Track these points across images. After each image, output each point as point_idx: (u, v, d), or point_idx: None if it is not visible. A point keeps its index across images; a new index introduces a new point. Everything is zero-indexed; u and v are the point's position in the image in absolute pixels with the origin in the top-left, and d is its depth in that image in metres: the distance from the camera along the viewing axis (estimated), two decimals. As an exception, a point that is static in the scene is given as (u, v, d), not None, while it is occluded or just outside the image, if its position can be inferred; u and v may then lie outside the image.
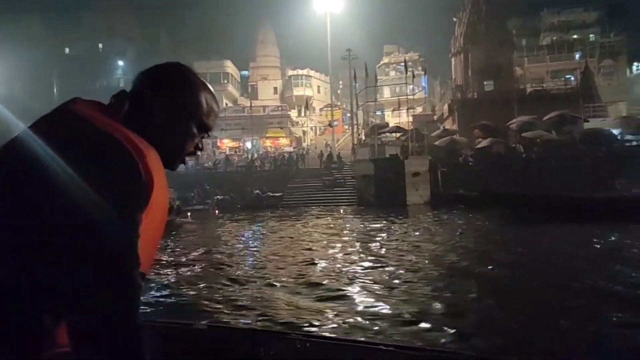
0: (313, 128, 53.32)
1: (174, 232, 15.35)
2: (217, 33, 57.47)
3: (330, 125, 45.38)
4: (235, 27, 55.55)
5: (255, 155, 41.02)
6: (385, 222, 17.60)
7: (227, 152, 47.01)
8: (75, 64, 48.18)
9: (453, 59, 41.16)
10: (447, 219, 18.23)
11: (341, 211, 22.33)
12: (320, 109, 52.92)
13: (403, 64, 51.95)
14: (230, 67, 50.52)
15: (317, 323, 5.29)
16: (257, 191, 29.20)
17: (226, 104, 50.50)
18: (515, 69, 40.44)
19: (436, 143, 28.61)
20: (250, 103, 45.36)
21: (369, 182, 25.27)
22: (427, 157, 25.46)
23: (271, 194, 28.44)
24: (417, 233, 14.30)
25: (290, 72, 53.87)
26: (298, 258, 10.08)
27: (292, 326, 5.17)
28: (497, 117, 31.94)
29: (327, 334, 4.73)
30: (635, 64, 45.79)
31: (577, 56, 46.97)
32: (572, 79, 44.61)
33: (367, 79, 34.00)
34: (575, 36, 48.97)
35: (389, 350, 1.28)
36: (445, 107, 38.10)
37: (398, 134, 33.25)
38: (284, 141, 48.39)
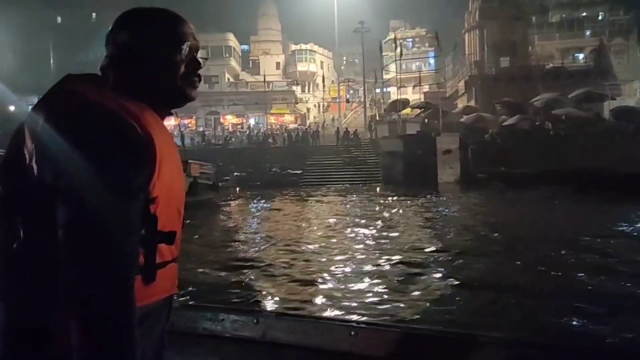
0: (317, 105, 52.00)
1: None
2: (216, 5, 55.10)
3: (347, 100, 44.19)
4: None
5: (262, 131, 39.79)
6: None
7: (230, 129, 45.73)
8: (68, 33, 45.76)
9: (467, 35, 40.11)
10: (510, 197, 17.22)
11: (377, 190, 21.39)
12: (337, 82, 51.40)
13: (410, 39, 50.93)
14: (232, 40, 48.59)
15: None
16: (275, 168, 28.16)
17: (228, 79, 48.80)
18: (529, 46, 39.68)
19: (462, 120, 27.78)
20: (266, 79, 43.74)
21: (396, 159, 24.38)
22: (457, 134, 24.63)
23: (291, 171, 27.42)
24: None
25: (293, 47, 52.11)
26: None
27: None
28: (516, 93, 31.27)
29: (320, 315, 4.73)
30: (646, 42, 45.36)
31: (587, 34, 46.40)
32: (582, 57, 44.13)
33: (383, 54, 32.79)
34: (584, 14, 48.24)
35: (389, 331, 1.32)
36: (461, 83, 37.23)
37: (419, 110, 32.34)
38: (288, 118, 47.10)
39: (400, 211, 15.19)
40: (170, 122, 45.20)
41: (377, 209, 15.76)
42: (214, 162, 29.09)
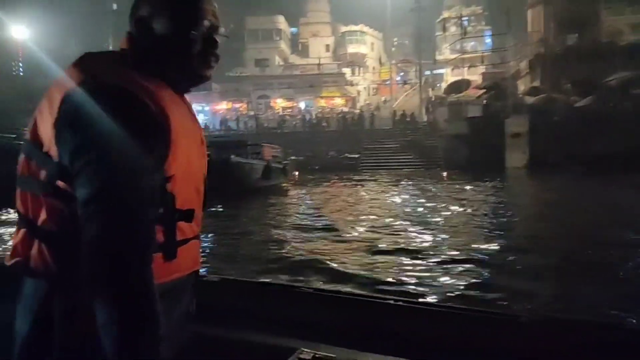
0: (367, 87, 50.97)
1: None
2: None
3: (404, 82, 43.03)
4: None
5: (313, 115, 39.34)
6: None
7: (280, 112, 45.53)
8: (123, 20, 46.61)
9: (530, 11, 37.85)
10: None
11: (444, 175, 20.46)
12: (390, 64, 50.09)
13: (466, 18, 48.79)
14: (282, 23, 48.09)
15: None
16: (332, 152, 27.69)
17: (279, 62, 48.46)
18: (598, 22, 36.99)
19: (530, 102, 26.22)
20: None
21: (461, 142, 23.31)
22: (526, 116, 23.24)
23: (349, 155, 26.88)
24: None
25: (343, 28, 51.00)
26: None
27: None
28: (586, 73, 29.23)
29: (333, 289, 4.26)
30: None
31: (662, 7, 42.85)
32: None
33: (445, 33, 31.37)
34: (659, -15, 44.51)
35: (397, 305, 1.32)
36: (524, 63, 35.25)
37: (481, 92, 30.89)
38: (339, 101, 46.33)
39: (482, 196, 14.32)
40: (221, 106, 45.54)
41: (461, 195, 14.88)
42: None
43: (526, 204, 13.91)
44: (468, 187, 16.49)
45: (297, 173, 24.92)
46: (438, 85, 48.57)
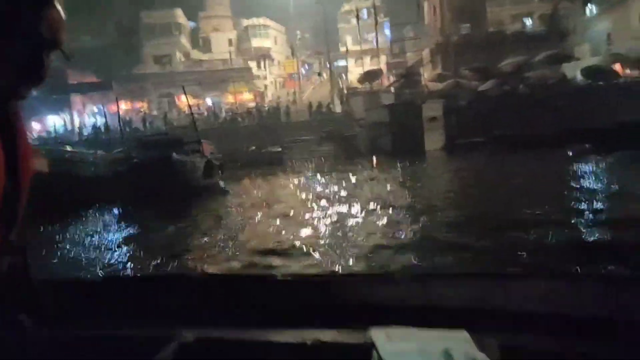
0: (273, 81, 50.60)
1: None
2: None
3: (318, 74, 43.07)
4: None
5: (223, 112, 38.23)
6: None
7: (187, 111, 43.49)
8: None
9: (427, 3, 40.01)
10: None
11: (374, 160, 20.82)
12: (296, 58, 49.86)
13: (365, 9, 50.30)
14: (181, 16, 45.83)
15: None
16: (253, 147, 26.99)
17: (180, 58, 46.21)
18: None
19: (439, 87, 27.67)
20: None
21: (383, 130, 23.91)
22: (441, 101, 24.48)
23: (270, 149, 26.35)
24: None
25: (246, 22, 49.97)
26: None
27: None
28: (482, 59, 31.63)
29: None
30: (589, 5, 47.22)
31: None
32: (529, 22, 45.34)
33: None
34: (530, -21, 49.41)
35: (277, 280, 1.37)
36: (426, 52, 37.19)
37: (393, 80, 31.97)
38: (247, 96, 45.41)
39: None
40: (121, 107, 42.50)
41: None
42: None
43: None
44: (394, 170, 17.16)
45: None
46: (344, 76, 49.61)
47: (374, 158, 21.26)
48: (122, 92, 41.28)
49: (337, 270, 5.73)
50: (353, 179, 15.97)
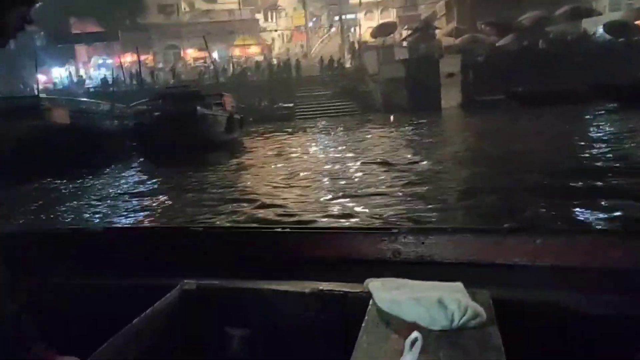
0: (281, 34, 49.23)
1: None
2: None
3: (330, 27, 41.74)
4: None
5: (231, 65, 37.34)
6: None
7: (193, 63, 42.64)
8: None
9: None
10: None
11: (391, 118, 20.42)
12: (305, 9, 48.24)
13: (376, -41, 48.17)
14: (186, -37, 44.01)
15: None
16: (265, 102, 26.51)
17: (185, 9, 44.75)
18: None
19: (456, 42, 26.87)
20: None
21: (399, 85, 23.40)
22: (459, 56, 23.81)
23: (283, 105, 25.89)
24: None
25: (252, -30, 47.97)
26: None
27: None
28: (499, 12, 30.52)
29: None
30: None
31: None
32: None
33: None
34: None
35: (274, 232, 1.44)
36: (440, 4, 35.89)
37: (405, 34, 31.03)
38: (254, 49, 44.24)
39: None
40: (126, 59, 41.45)
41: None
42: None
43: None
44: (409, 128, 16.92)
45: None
46: (353, 30, 48.18)
47: (391, 116, 20.80)
48: (126, 43, 40.34)
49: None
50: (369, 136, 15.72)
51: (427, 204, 6.29)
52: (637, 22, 26.28)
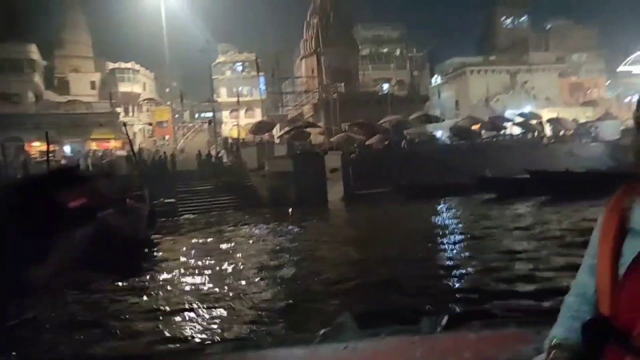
0: (141, 129, 47.53)
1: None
2: (10, 9, 45.40)
3: (210, 122, 41.19)
4: (34, 6, 44.81)
5: (88, 160, 34.41)
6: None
7: (38, 157, 38.12)
8: None
9: (304, 61, 42.15)
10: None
11: (289, 211, 20.33)
12: (170, 105, 47.17)
13: (240, 63, 50.94)
14: (36, 53, 40.74)
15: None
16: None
17: (31, 99, 40.75)
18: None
19: (332, 140, 28.86)
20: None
21: (287, 180, 23.89)
22: (340, 152, 25.49)
23: (165, 200, 24.19)
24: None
25: (112, 65, 46.48)
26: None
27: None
28: (362, 115, 34.10)
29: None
30: (435, 76, 54.79)
31: (392, 67, 53.74)
32: (386, 87, 50.76)
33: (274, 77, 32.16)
34: (386, 49, 55.68)
35: None
36: (307, 106, 38.78)
37: (282, 132, 32.39)
38: (114, 143, 41.60)
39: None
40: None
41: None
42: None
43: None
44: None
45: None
46: (218, 128, 48.83)
47: (290, 210, 20.81)
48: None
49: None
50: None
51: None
52: (473, 128, 31.66)
